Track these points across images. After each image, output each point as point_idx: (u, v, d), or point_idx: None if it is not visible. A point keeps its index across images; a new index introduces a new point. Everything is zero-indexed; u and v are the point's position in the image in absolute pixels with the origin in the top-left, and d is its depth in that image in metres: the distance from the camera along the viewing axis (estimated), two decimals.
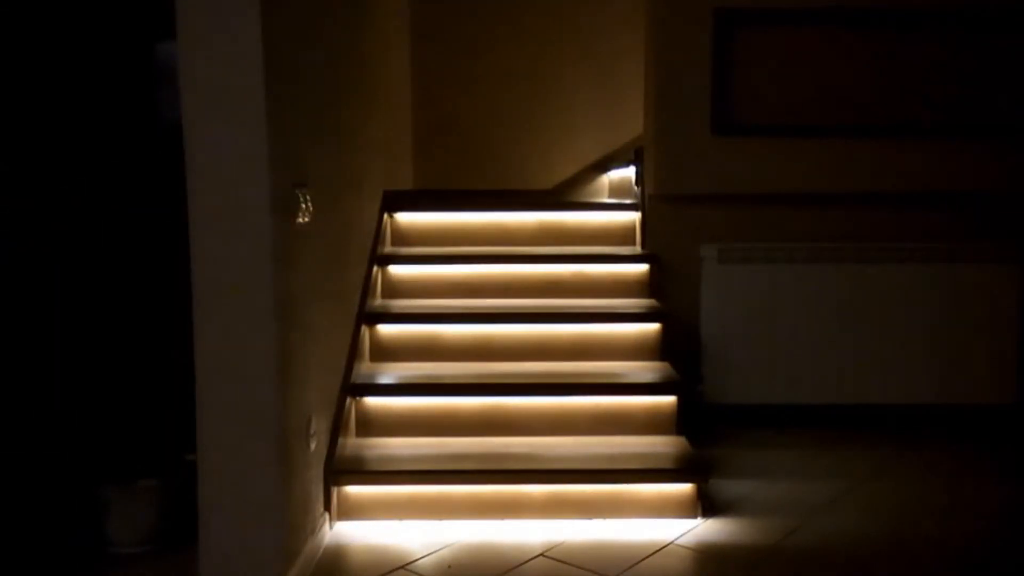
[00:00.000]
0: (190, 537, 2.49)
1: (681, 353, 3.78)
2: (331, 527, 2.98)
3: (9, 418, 2.78)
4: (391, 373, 3.50)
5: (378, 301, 3.90)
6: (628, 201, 4.34)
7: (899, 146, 4.00)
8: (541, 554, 2.78)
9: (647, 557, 2.76)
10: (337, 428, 3.11)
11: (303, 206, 2.62)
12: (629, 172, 4.53)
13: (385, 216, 4.13)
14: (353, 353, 3.38)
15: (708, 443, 3.66)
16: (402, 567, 2.71)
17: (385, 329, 3.67)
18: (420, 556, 2.78)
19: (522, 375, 3.46)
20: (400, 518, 3.03)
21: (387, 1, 4.61)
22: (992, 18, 3.98)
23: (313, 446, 2.80)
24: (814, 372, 4.02)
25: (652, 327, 3.67)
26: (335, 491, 3.01)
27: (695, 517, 3.03)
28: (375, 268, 3.85)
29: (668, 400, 3.36)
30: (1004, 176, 4.01)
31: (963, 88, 4.01)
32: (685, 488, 3.04)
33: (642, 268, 4.00)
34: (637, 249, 4.18)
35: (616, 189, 5.18)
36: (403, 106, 5.30)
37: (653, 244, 4.09)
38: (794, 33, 4.00)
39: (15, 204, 2.82)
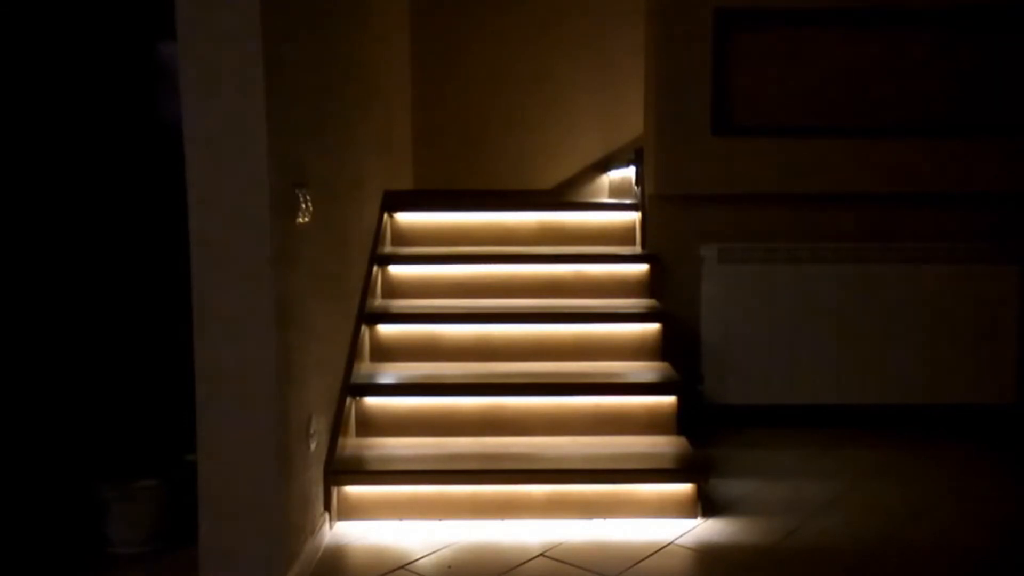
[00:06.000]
0: (190, 537, 2.49)
1: (681, 353, 3.78)
2: (331, 527, 2.98)
3: (9, 418, 2.78)
4: (391, 373, 3.49)
5: (378, 301, 3.90)
6: (628, 201, 4.34)
7: (899, 146, 4.00)
8: (541, 554, 2.78)
9: (647, 557, 2.76)
10: (337, 428, 3.11)
11: (303, 206, 2.62)
12: (629, 172, 4.53)
13: (385, 216, 4.13)
14: (353, 353, 3.38)
15: (708, 443, 3.67)
16: (402, 567, 2.71)
17: (385, 329, 3.67)
18: (420, 556, 2.78)
19: (522, 375, 3.46)
20: (400, 518, 3.03)
21: (387, 1, 4.61)
22: (993, 17, 3.98)
23: (313, 446, 2.80)
24: (814, 372, 4.02)
25: (652, 327, 3.67)
26: (335, 491, 3.01)
27: (695, 517, 3.03)
28: (375, 268, 3.85)
29: (668, 400, 3.36)
30: (1004, 176, 4.01)
31: (964, 88, 4.02)
32: (685, 488, 3.04)
33: (642, 268, 4.00)
34: (637, 249, 4.18)
35: (616, 189, 5.19)
36: (403, 106, 5.30)
37: (653, 244, 4.09)
38: (795, 33, 4.00)
39: (15, 204, 2.82)
